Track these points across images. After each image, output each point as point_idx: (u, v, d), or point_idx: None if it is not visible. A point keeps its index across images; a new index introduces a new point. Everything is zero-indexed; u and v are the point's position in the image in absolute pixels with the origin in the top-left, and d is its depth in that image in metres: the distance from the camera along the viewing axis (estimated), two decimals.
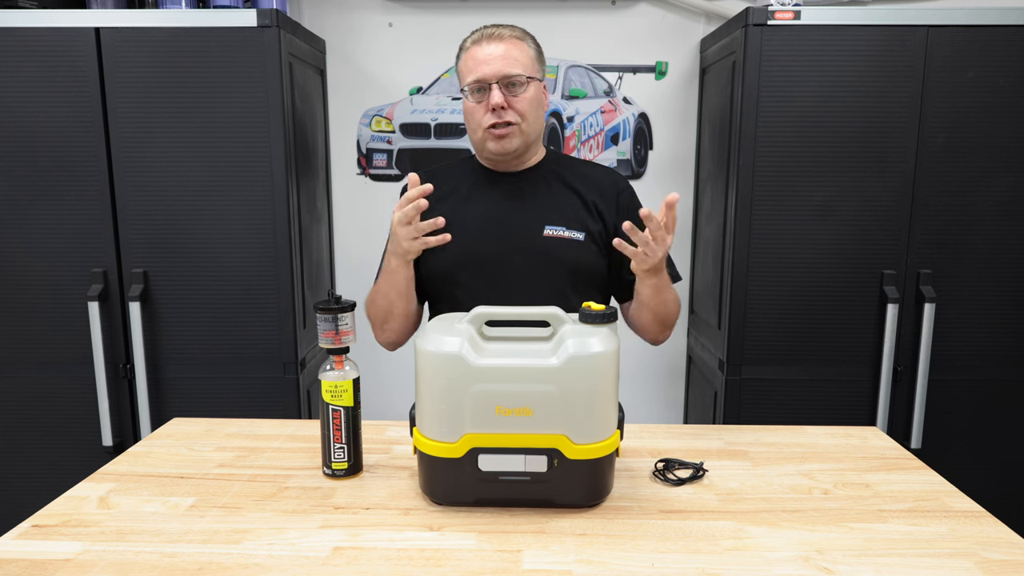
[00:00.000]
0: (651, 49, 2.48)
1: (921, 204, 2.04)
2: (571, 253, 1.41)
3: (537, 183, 1.47)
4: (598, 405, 1.01)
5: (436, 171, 1.54)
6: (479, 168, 1.51)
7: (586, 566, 0.90)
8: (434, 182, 1.50)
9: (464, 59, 1.42)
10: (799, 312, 2.09)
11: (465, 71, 1.41)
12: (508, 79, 1.37)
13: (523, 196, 1.46)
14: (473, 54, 1.40)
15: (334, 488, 1.11)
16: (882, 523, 1.01)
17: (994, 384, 2.12)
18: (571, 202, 1.46)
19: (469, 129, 1.44)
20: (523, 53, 1.40)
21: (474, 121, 1.41)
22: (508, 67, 1.37)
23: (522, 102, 1.38)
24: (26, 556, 0.92)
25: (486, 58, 1.37)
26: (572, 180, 1.49)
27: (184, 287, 2.07)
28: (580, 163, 1.57)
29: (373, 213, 2.52)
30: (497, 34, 1.40)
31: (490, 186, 1.47)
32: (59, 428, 2.14)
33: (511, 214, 1.44)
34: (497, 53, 1.37)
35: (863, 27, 1.96)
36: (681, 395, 2.68)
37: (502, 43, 1.38)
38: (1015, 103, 1.99)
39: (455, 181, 1.50)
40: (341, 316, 1.12)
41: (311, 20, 2.47)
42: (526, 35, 1.44)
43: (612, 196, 1.48)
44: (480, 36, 1.41)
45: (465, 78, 1.41)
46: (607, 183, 1.50)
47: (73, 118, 2.00)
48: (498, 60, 1.37)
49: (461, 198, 1.47)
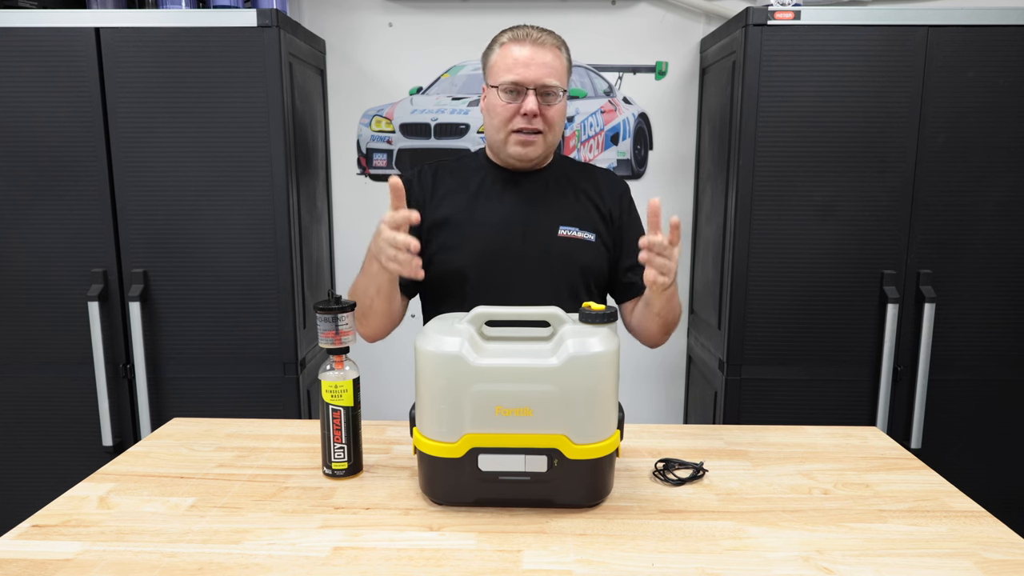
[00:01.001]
0: (651, 49, 2.48)
1: (921, 204, 2.04)
2: (584, 254, 1.42)
3: (550, 184, 1.48)
4: (598, 405, 1.01)
5: (439, 166, 1.52)
6: (490, 166, 1.50)
7: (586, 566, 0.90)
8: (439, 176, 1.50)
9: (501, 54, 1.39)
10: (799, 312, 2.09)
11: (502, 67, 1.38)
12: (545, 88, 1.36)
13: (538, 196, 1.46)
14: (513, 53, 1.37)
15: (334, 488, 1.11)
16: (882, 523, 1.01)
17: (994, 384, 2.12)
18: (582, 203, 1.47)
19: (490, 126, 1.42)
20: (560, 64, 1.39)
21: (499, 119, 1.39)
22: (548, 76, 1.36)
23: (553, 112, 1.38)
24: (26, 556, 0.92)
25: (527, 61, 1.35)
26: (581, 182, 1.50)
27: (184, 287, 2.07)
28: (585, 166, 1.58)
29: (373, 213, 2.49)
30: (540, 39, 1.38)
31: (504, 185, 1.47)
32: (59, 428, 2.14)
33: (527, 214, 1.44)
34: (539, 59, 1.36)
35: (863, 27, 1.96)
36: (681, 395, 2.68)
37: (544, 49, 1.37)
38: (1015, 103, 1.99)
39: (463, 177, 1.49)
40: (341, 316, 1.12)
41: (311, 20, 2.47)
42: (563, 44, 1.42)
43: (616, 197, 1.51)
44: (524, 36, 1.38)
45: (500, 75, 1.37)
46: (611, 185, 1.52)
47: (73, 118, 2.00)
48: (540, 67, 1.35)
49: (472, 195, 1.46)
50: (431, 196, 1.47)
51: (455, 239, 1.43)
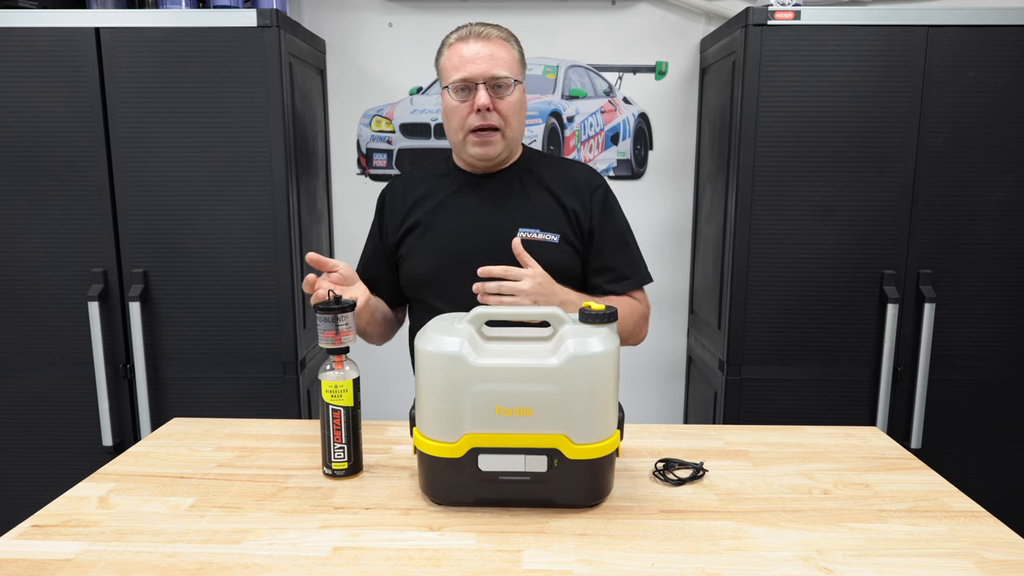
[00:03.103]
0: (651, 49, 2.48)
1: (921, 204, 2.04)
2: (546, 255, 1.36)
3: (512, 185, 1.45)
4: (598, 405, 1.01)
5: (412, 174, 1.54)
6: (456, 171, 1.49)
7: (586, 566, 0.90)
8: (409, 186, 1.50)
9: (448, 55, 1.39)
10: (799, 312, 2.09)
11: (449, 68, 1.37)
12: (495, 80, 1.35)
13: (497, 199, 1.44)
14: (459, 51, 1.36)
15: (334, 488, 1.11)
16: (882, 523, 1.01)
17: (994, 384, 2.12)
18: (546, 203, 1.44)
19: (449, 130, 1.42)
20: (509, 55, 1.38)
21: (455, 121, 1.38)
22: (495, 67, 1.35)
23: (507, 105, 1.37)
24: (26, 556, 0.92)
25: (473, 57, 1.35)
26: (548, 181, 1.46)
27: (184, 287, 2.07)
28: (557, 161, 1.55)
29: (373, 213, 2.52)
30: (484, 33, 1.37)
31: (465, 190, 1.46)
32: (59, 428, 2.14)
33: (485, 218, 1.43)
34: (485, 53, 1.35)
35: (863, 27, 1.96)
36: (681, 395, 2.68)
37: (489, 43, 1.36)
38: (1015, 103, 1.99)
39: (431, 184, 1.49)
40: (341, 316, 1.12)
41: (311, 20, 2.47)
42: (511, 36, 1.41)
43: (587, 196, 1.45)
44: (467, 33, 1.38)
45: (449, 75, 1.37)
46: (582, 182, 1.46)
47: (73, 118, 2.00)
48: (485, 60, 1.34)
49: (437, 202, 1.46)
50: (400, 208, 1.49)
51: (419, 246, 1.44)
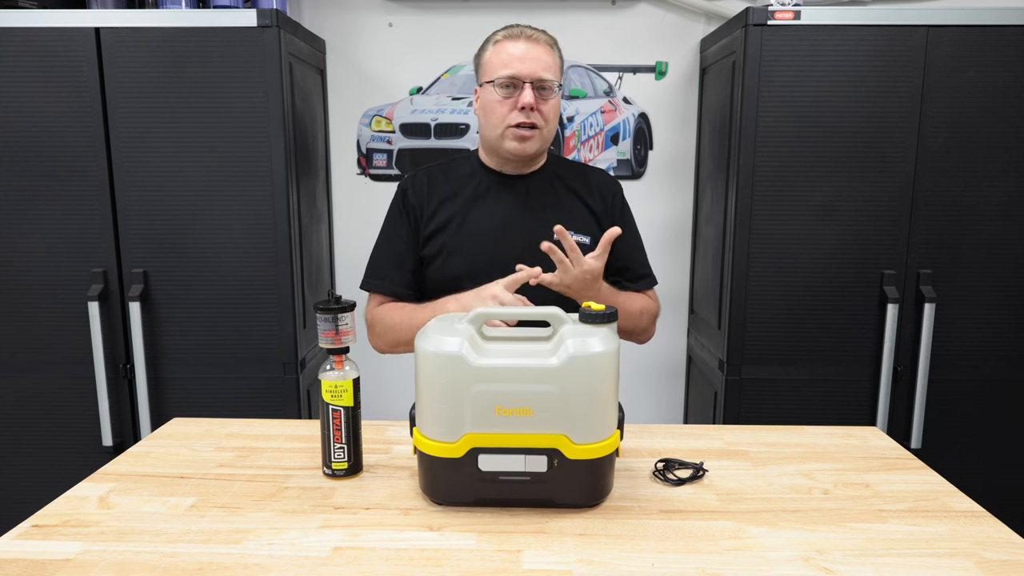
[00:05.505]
0: (651, 49, 2.48)
1: (921, 204, 2.04)
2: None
3: (544, 187, 1.48)
4: (598, 405, 1.01)
5: (431, 170, 1.53)
6: (484, 169, 1.50)
7: (586, 566, 0.90)
8: (433, 181, 1.50)
9: (495, 51, 1.41)
10: (799, 312, 2.09)
11: (497, 64, 1.40)
12: (542, 82, 1.38)
13: (533, 200, 1.47)
14: (507, 48, 1.39)
15: (334, 488, 1.11)
16: (882, 523, 1.01)
17: (994, 384, 2.12)
18: (576, 206, 1.48)
19: (487, 124, 1.43)
20: (554, 61, 1.42)
21: (496, 116, 1.40)
22: (544, 70, 1.38)
23: (549, 107, 1.40)
24: (26, 556, 0.92)
25: (522, 56, 1.38)
26: (574, 184, 1.50)
27: (184, 287, 2.07)
28: (578, 166, 1.58)
29: (373, 213, 2.50)
30: (535, 36, 1.41)
31: (499, 189, 1.48)
32: (59, 428, 2.14)
33: (524, 219, 1.45)
34: (533, 54, 1.38)
35: (863, 27, 1.96)
36: (681, 395, 2.68)
37: (538, 45, 1.40)
38: (1015, 103, 1.99)
39: (457, 181, 1.49)
40: (341, 316, 1.12)
41: (311, 20, 2.47)
42: (556, 43, 1.45)
43: (609, 199, 1.51)
44: (518, 33, 1.41)
45: (496, 71, 1.40)
46: (604, 186, 1.52)
47: (73, 118, 2.00)
48: (536, 61, 1.38)
49: (467, 199, 1.46)
50: (428, 202, 1.48)
51: (451, 246, 1.44)
